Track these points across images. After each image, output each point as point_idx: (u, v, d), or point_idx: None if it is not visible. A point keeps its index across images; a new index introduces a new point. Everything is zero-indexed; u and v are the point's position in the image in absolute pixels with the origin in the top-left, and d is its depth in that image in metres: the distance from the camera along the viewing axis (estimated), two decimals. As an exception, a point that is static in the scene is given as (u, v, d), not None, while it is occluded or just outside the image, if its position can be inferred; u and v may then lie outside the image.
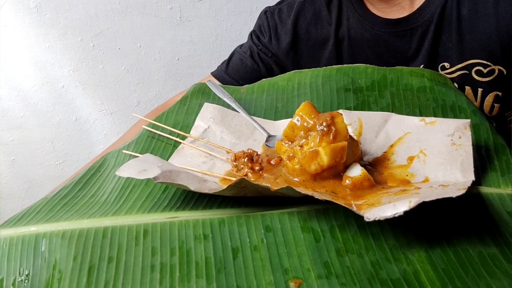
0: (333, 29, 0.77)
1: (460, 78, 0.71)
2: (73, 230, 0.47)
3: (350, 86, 0.64)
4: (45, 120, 1.22)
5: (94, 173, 0.57)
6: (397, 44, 0.74)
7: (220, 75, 0.86)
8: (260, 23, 0.85)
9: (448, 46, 0.71)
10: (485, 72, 0.69)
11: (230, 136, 0.60)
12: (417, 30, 0.71)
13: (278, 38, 0.82)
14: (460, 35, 0.69)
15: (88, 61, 1.15)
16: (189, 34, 1.21)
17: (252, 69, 0.85)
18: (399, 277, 0.40)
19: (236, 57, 0.86)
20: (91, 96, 1.21)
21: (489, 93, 0.71)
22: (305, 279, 0.41)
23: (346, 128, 0.48)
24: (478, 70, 0.69)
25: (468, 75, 0.70)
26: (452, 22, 0.69)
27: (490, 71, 0.69)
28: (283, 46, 0.82)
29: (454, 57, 0.71)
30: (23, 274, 0.44)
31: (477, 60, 0.69)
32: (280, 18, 0.82)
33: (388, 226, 0.44)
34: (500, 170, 0.51)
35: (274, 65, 0.85)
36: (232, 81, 0.85)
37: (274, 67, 0.85)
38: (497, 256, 0.41)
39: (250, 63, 0.85)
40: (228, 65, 0.86)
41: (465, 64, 0.70)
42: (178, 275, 0.42)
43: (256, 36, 0.85)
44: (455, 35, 0.69)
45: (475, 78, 0.70)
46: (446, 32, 0.70)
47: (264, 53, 0.84)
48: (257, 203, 0.48)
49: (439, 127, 0.53)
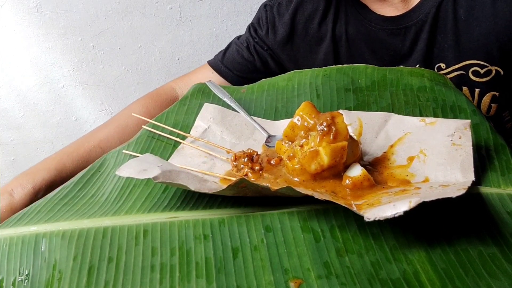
0: (330, 25, 0.78)
1: (457, 79, 0.71)
2: (73, 230, 0.47)
3: (350, 86, 0.64)
4: (45, 120, 1.21)
5: (94, 173, 0.57)
6: (391, 42, 0.74)
7: (216, 64, 0.86)
8: (259, 16, 0.85)
9: (444, 46, 0.70)
10: (482, 73, 0.69)
11: (230, 136, 0.60)
12: (411, 29, 0.71)
13: (275, 31, 0.82)
14: (457, 36, 0.69)
15: (88, 61, 1.15)
16: (189, 34, 1.21)
17: (247, 60, 0.85)
18: (399, 277, 0.40)
19: (233, 48, 0.87)
20: (91, 96, 1.21)
21: (486, 93, 0.71)
22: (305, 279, 0.41)
23: (346, 128, 0.48)
24: (475, 71, 0.69)
25: (465, 75, 0.70)
26: (448, 22, 0.69)
27: (487, 71, 0.69)
28: (279, 39, 0.82)
29: (450, 58, 0.71)
30: (23, 274, 0.44)
31: (474, 61, 0.69)
32: (279, 12, 0.82)
33: (388, 226, 0.44)
34: (500, 170, 0.51)
35: (269, 58, 0.85)
36: (227, 71, 0.85)
37: (269, 60, 0.85)
38: (497, 256, 0.41)
39: (246, 54, 0.85)
40: (224, 55, 0.86)
41: (462, 65, 0.70)
42: (178, 275, 0.42)
43: (253, 28, 0.85)
44: (451, 35, 0.69)
45: (472, 79, 0.70)
46: (441, 33, 0.70)
47: (260, 46, 0.84)
48: (257, 203, 0.48)
49: (439, 127, 0.53)
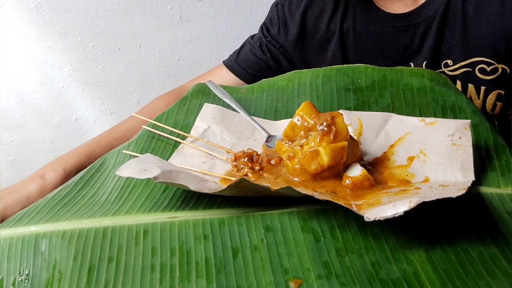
0: (338, 23, 0.78)
1: (463, 76, 0.72)
2: (73, 230, 0.47)
3: (350, 86, 0.64)
4: (45, 120, 1.21)
5: (94, 173, 0.57)
6: (400, 39, 0.74)
7: (231, 63, 0.88)
8: (270, 15, 0.87)
9: (452, 43, 0.71)
10: (489, 71, 0.69)
11: (230, 136, 0.60)
12: (420, 25, 0.71)
13: (287, 31, 0.83)
14: (464, 33, 0.69)
15: (88, 61, 1.15)
16: (189, 34, 1.21)
17: (260, 59, 0.87)
18: (399, 277, 0.40)
19: (247, 47, 0.89)
20: (91, 96, 1.20)
21: (492, 91, 0.71)
22: (305, 279, 0.41)
23: (346, 128, 0.48)
24: (481, 68, 0.70)
25: (472, 72, 0.71)
26: (456, 19, 0.69)
27: (494, 69, 0.69)
28: (290, 38, 0.83)
29: (458, 55, 0.71)
30: (23, 274, 0.44)
31: (481, 58, 0.69)
32: (290, 11, 0.83)
33: (388, 226, 0.44)
34: (500, 170, 0.51)
35: (282, 56, 0.86)
36: (241, 70, 0.87)
37: (282, 58, 0.87)
38: (497, 256, 0.41)
39: (259, 53, 0.87)
40: (238, 54, 0.89)
41: (469, 62, 0.70)
42: (178, 275, 0.42)
43: (266, 28, 0.87)
44: (459, 32, 0.69)
45: (478, 76, 0.70)
46: (449, 29, 0.70)
47: (272, 44, 0.86)
48: (257, 203, 0.48)
49: (439, 127, 0.53)
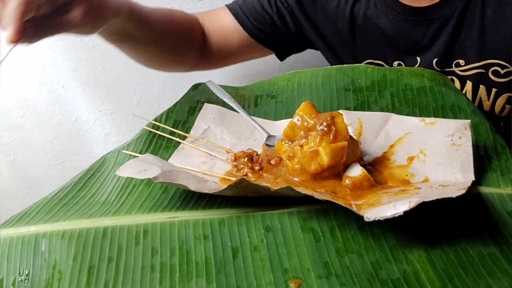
0: (350, 3, 0.75)
1: (475, 77, 0.71)
2: (73, 230, 0.47)
3: (350, 86, 0.64)
4: (45, 120, 1.21)
5: (94, 173, 0.57)
6: (411, 33, 0.72)
7: (234, 7, 0.82)
8: None
9: (466, 44, 0.70)
10: (502, 73, 0.69)
11: (230, 136, 0.60)
12: (435, 22, 0.70)
13: None
14: (481, 34, 0.68)
15: (88, 61, 1.14)
16: (189, 34, 1.21)
17: (266, 12, 0.82)
18: (399, 277, 0.40)
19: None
20: (91, 96, 1.20)
21: (503, 93, 0.71)
22: (305, 279, 0.41)
23: (346, 128, 0.48)
24: (495, 71, 0.69)
25: (485, 74, 0.70)
26: (474, 20, 0.68)
27: (507, 72, 0.68)
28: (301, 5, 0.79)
29: (472, 56, 0.70)
30: (23, 274, 0.44)
31: (496, 61, 0.69)
32: None
33: (388, 226, 0.44)
34: (500, 170, 0.51)
35: (288, 16, 0.82)
36: (244, 16, 0.82)
37: (288, 18, 0.82)
38: (497, 256, 0.41)
39: (266, 5, 0.82)
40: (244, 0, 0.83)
41: (483, 64, 0.69)
42: (178, 275, 0.42)
43: None
44: (476, 33, 0.68)
45: (491, 78, 0.70)
46: (466, 30, 0.69)
47: (281, 1, 0.81)
48: (257, 203, 0.48)
49: (439, 127, 0.53)
